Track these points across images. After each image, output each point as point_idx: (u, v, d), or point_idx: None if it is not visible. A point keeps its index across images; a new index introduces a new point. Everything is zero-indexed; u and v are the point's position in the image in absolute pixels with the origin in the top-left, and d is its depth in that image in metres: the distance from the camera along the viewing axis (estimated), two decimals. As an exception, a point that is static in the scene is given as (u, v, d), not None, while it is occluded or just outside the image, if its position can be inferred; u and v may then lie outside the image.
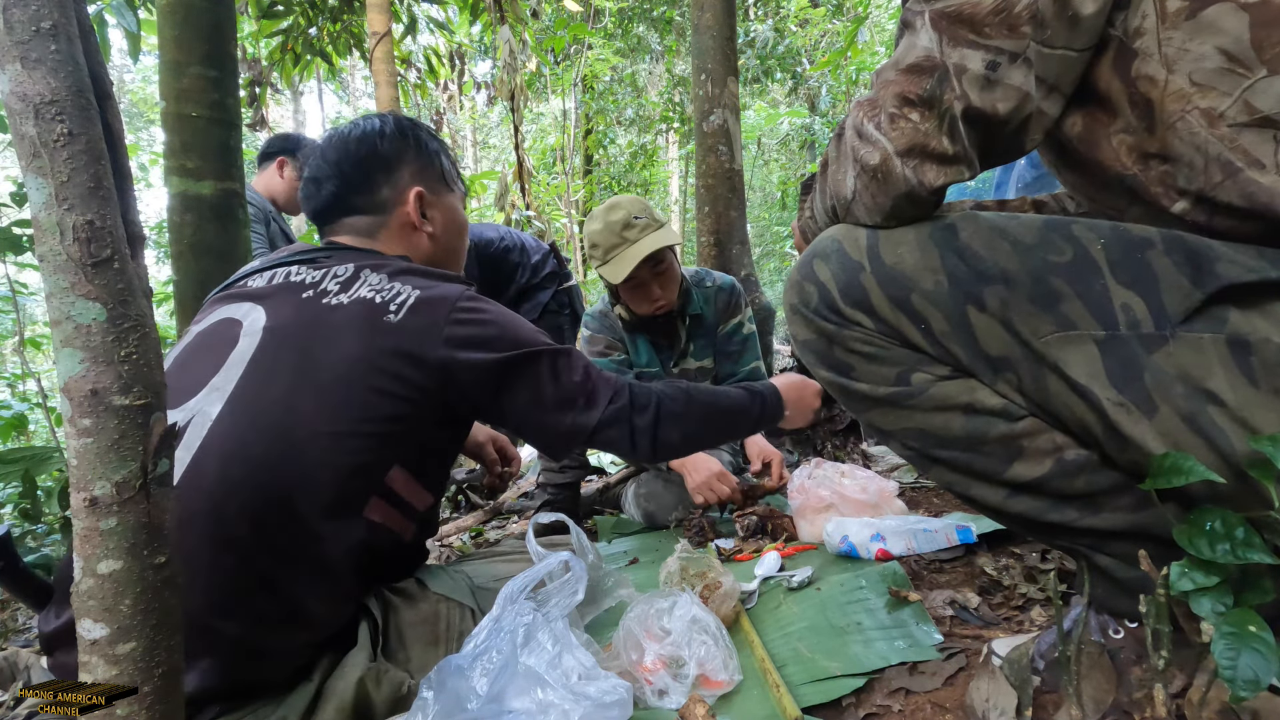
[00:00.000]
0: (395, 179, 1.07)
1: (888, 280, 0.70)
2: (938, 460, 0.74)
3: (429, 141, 1.12)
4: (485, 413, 0.99)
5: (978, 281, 0.67)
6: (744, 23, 7.83)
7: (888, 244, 0.71)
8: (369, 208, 1.06)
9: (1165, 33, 0.62)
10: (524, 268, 2.89)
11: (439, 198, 1.11)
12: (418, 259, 1.07)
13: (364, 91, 10.87)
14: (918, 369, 0.72)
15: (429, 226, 1.09)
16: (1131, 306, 0.62)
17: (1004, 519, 0.75)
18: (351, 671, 0.84)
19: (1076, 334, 0.63)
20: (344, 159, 1.05)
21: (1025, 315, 0.65)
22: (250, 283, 1.00)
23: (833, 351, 0.76)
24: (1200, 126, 0.62)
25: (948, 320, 0.68)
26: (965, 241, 0.68)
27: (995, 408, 0.69)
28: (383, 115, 1.12)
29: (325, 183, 1.06)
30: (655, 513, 1.80)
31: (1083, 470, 0.67)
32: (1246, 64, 0.59)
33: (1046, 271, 0.64)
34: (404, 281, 0.93)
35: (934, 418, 0.72)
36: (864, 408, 0.77)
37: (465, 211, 1.18)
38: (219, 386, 0.86)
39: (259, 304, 0.93)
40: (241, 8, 3.99)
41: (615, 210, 1.69)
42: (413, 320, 0.90)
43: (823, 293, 0.74)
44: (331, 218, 1.08)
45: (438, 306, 0.91)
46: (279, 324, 0.90)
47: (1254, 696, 0.51)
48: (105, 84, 0.62)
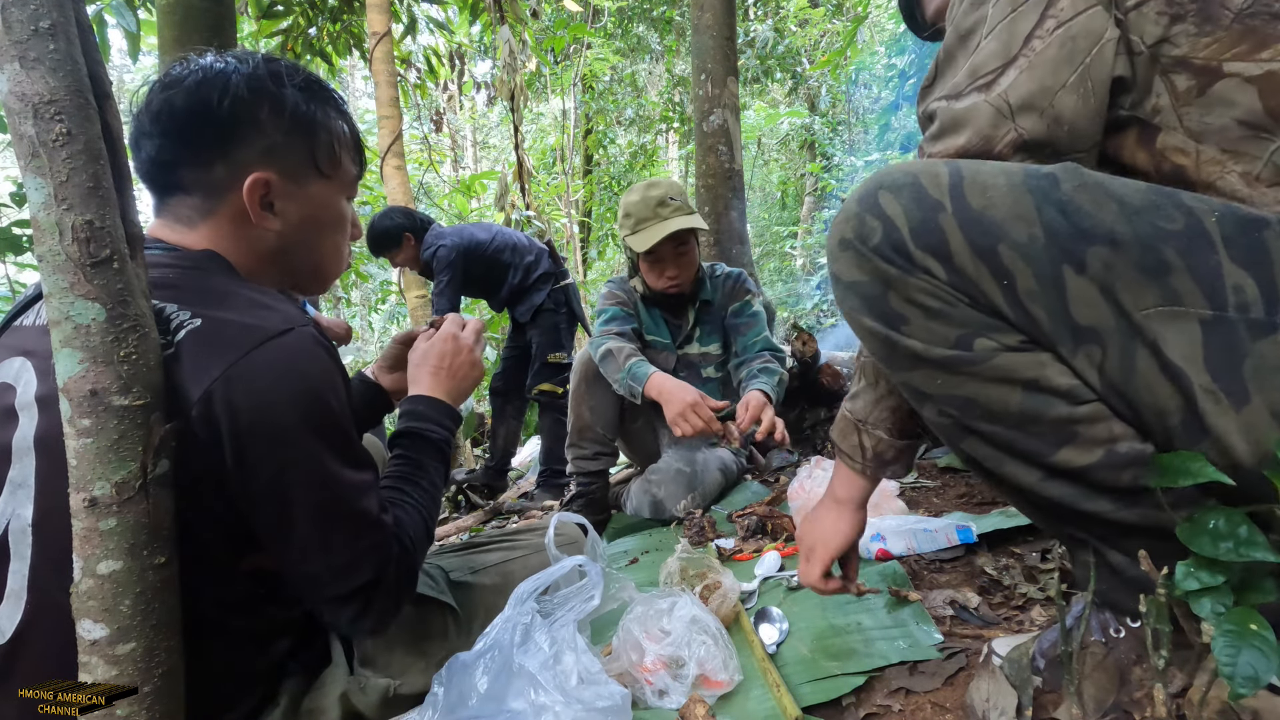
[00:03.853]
0: (234, 156, 0.77)
1: (972, 224, 0.62)
2: (976, 433, 0.69)
3: (305, 106, 0.82)
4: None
5: (1080, 240, 0.60)
6: (744, 23, 7.83)
7: (975, 185, 0.63)
8: (195, 185, 0.78)
9: (1182, 109, 0.63)
10: (516, 268, 2.90)
11: (302, 186, 0.82)
12: (258, 258, 0.82)
13: (364, 91, 10.86)
14: (984, 334, 0.65)
15: (274, 223, 0.81)
16: (1244, 287, 0.57)
17: (1028, 501, 0.72)
18: (332, 688, 0.83)
19: (1182, 310, 0.58)
20: (167, 113, 0.75)
21: (1129, 283, 0.59)
22: (25, 320, 0.76)
23: (887, 298, 0.67)
24: (1241, 185, 0.62)
25: (1038, 279, 0.61)
26: (1068, 194, 0.61)
27: (1062, 388, 0.64)
28: (242, 56, 0.80)
29: (144, 142, 0.77)
30: (663, 500, 1.83)
31: (1132, 464, 0.63)
32: (1268, 129, 0.60)
33: (1157, 239, 0.59)
34: (194, 315, 0.69)
35: (989, 389, 0.65)
36: (907, 366, 0.70)
37: (344, 203, 0.90)
38: (20, 482, 0.68)
39: (30, 359, 0.71)
40: (241, 8, 3.99)
41: (655, 188, 1.80)
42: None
43: (889, 229, 0.66)
44: (158, 190, 0.80)
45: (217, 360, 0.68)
46: (50, 392, 0.65)
47: (1253, 694, 0.51)
48: (104, 84, 0.62)
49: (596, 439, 1.90)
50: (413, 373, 1.01)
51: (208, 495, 0.68)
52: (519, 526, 1.47)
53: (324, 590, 0.76)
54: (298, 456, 0.70)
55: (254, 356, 0.67)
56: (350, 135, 0.88)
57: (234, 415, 0.66)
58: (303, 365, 0.70)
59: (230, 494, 0.69)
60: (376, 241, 2.86)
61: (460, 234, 2.86)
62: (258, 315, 0.71)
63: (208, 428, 0.66)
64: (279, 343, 0.69)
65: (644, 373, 1.68)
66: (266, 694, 0.81)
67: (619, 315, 1.92)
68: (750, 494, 1.90)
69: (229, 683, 0.77)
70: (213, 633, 0.72)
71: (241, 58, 0.80)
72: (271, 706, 0.81)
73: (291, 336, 0.70)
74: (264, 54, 0.82)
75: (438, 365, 1.01)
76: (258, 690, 0.81)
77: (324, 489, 0.72)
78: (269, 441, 0.68)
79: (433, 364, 1.01)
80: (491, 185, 5.78)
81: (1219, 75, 0.61)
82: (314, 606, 0.83)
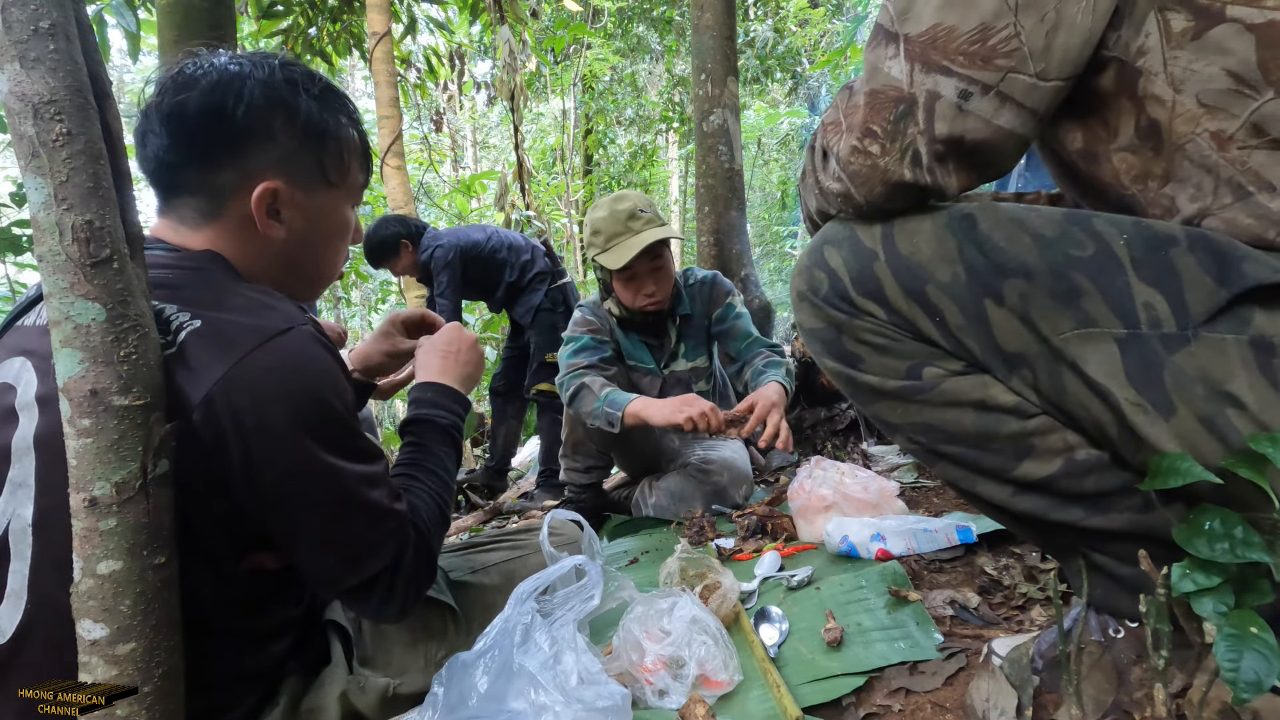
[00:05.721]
0: (245, 162, 0.77)
1: (902, 270, 0.68)
2: (944, 456, 0.73)
3: (319, 115, 0.81)
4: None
5: (997, 274, 0.65)
6: (744, 23, 7.83)
7: (903, 232, 0.69)
8: (202, 188, 0.77)
9: (1171, 53, 0.61)
10: (511, 267, 2.90)
11: (309, 195, 0.82)
12: (260, 262, 0.81)
13: (364, 91, 10.86)
14: (929, 363, 0.70)
15: (279, 230, 0.80)
16: (1154, 305, 0.60)
17: (1007, 517, 0.75)
18: (332, 687, 0.83)
19: (1097, 331, 0.62)
20: (178, 116, 0.74)
21: (1044, 311, 0.63)
22: (26, 320, 0.75)
23: (841, 341, 0.74)
24: (1211, 149, 0.61)
25: (963, 313, 0.67)
26: (985, 232, 0.66)
27: (1008, 405, 0.68)
28: (258, 61, 0.79)
29: (150, 139, 0.76)
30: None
31: (1092, 470, 0.66)
32: (1253, 85, 0.59)
33: (1068, 266, 0.62)
34: (194, 316, 0.69)
35: (944, 413, 0.70)
36: (870, 400, 0.75)
37: (349, 211, 0.90)
38: (20, 482, 0.68)
39: (29, 359, 0.71)
40: (241, 8, 3.99)
41: (622, 201, 1.71)
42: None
43: (833, 280, 0.72)
44: (162, 189, 0.79)
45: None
46: (50, 392, 0.65)
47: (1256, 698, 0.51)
48: (104, 84, 0.62)
49: (590, 453, 1.88)
50: (422, 360, 1.03)
51: (210, 495, 0.68)
52: (519, 526, 1.47)
53: (342, 582, 0.77)
54: (304, 455, 0.70)
55: (255, 357, 0.67)
56: (360, 143, 0.88)
57: (238, 417, 0.66)
58: (304, 364, 0.70)
59: (236, 494, 0.69)
60: (375, 253, 2.87)
61: (456, 235, 2.87)
62: (258, 315, 0.70)
63: (211, 429, 0.66)
64: (279, 342, 0.69)
65: (622, 400, 1.62)
66: (266, 693, 0.82)
67: (589, 345, 1.81)
68: (751, 494, 1.90)
69: (229, 682, 0.77)
70: (213, 632, 0.72)
71: (257, 62, 0.79)
72: (271, 706, 0.81)
73: (292, 335, 0.70)
74: (280, 58, 0.81)
75: (446, 351, 1.02)
76: (257, 690, 0.81)
77: (333, 485, 0.72)
78: (275, 442, 0.68)
79: (441, 350, 1.02)
80: (491, 185, 5.78)
81: (1220, 19, 0.59)
82: (335, 598, 0.83)
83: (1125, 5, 0.62)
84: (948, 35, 0.63)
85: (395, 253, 2.85)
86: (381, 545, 0.77)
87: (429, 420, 0.95)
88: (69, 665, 0.61)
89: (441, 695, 0.81)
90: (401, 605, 0.81)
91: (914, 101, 0.65)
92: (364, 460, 0.76)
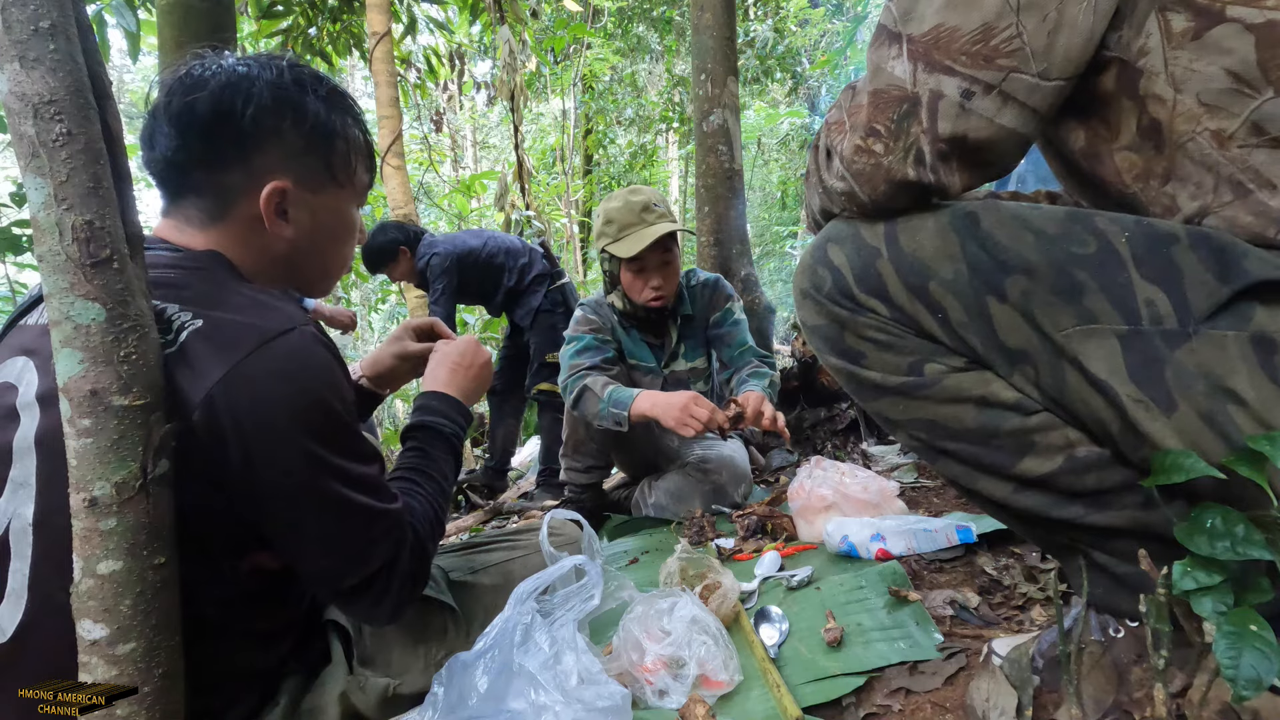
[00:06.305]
0: (253, 163, 0.78)
1: (905, 267, 0.69)
2: (945, 452, 0.73)
3: (326, 116, 0.82)
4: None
5: (999, 271, 0.65)
6: (744, 23, 7.83)
7: (906, 230, 0.69)
8: (209, 189, 0.78)
9: (1171, 52, 0.61)
10: (509, 271, 2.91)
11: (316, 195, 0.83)
12: (266, 262, 0.82)
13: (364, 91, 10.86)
14: (931, 359, 0.70)
15: (287, 230, 0.81)
16: (1155, 301, 0.60)
17: (1008, 514, 0.75)
18: (332, 687, 0.83)
19: (1098, 328, 0.62)
20: (187, 117, 0.75)
21: (1046, 307, 0.64)
22: (28, 320, 0.75)
23: (844, 338, 0.74)
24: (1211, 148, 0.61)
25: (966, 310, 0.67)
26: (987, 230, 0.66)
27: (1009, 401, 0.68)
28: (266, 62, 0.80)
29: (159, 139, 0.77)
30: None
31: (1093, 467, 0.66)
32: (1254, 85, 0.59)
33: (1070, 263, 0.63)
34: (195, 316, 0.69)
35: (946, 409, 0.71)
36: (873, 396, 0.75)
37: (354, 211, 0.91)
38: (21, 481, 0.67)
39: (31, 358, 0.71)
40: (241, 8, 3.99)
41: (637, 194, 1.75)
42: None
43: (836, 278, 0.73)
44: (169, 190, 0.80)
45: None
46: (51, 392, 0.64)
47: (1256, 696, 0.51)
48: (104, 84, 0.62)
49: (590, 453, 1.88)
50: (432, 368, 1.04)
51: (210, 495, 0.68)
52: (518, 526, 1.47)
53: (338, 582, 0.77)
54: (303, 456, 0.70)
55: (255, 357, 0.67)
56: (365, 144, 0.89)
57: (237, 418, 0.66)
58: (304, 365, 0.70)
59: (235, 494, 0.69)
60: (373, 259, 2.89)
61: (452, 242, 2.89)
62: (258, 315, 0.71)
63: (211, 430, 0.66)
64: (280, 343, 0.69)
65: (627, 397, 1.62)
66: (266, 693, 0.82)
67: (592, 345, 1.81)
68: (750, 494, 1.90)
69: (229, 683, 0.77)
70: (213, 633, 0.72)
71: (265, 63, 0.80)
72: (271, 706, 0.81)
73: (293, 336, 0.70)
74: (288, 60, 0.82)
75: (457, 364, 1.04)
76: (257, 689, 0.81)
77: (331, 486, 0.73)
78: (274, 442, 0.68)
79: (453, 362, 1.04)
80: (491, 185, 5.77)
81: (1220, 19, 0.59)
82: (330, 599, 0.83)
83: (1126, 6, 0.62)
84: (950, 35, 0.63)
85: (393, 259, 2.87)
86: (378, 545, 0.78)
87: (432, 427, 0.96)
88: (69, 665, 0.61)
89: (441, 695, 0.81)
90: (394, 607, 0.82)
91: (917, 101, 0.65)
92: (363, 461, 0.77)
